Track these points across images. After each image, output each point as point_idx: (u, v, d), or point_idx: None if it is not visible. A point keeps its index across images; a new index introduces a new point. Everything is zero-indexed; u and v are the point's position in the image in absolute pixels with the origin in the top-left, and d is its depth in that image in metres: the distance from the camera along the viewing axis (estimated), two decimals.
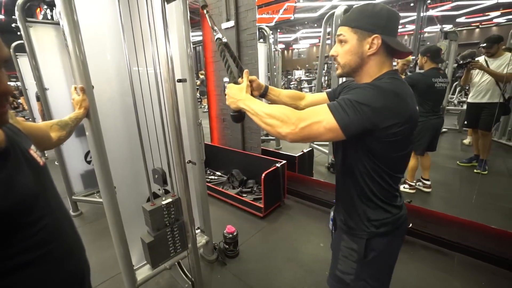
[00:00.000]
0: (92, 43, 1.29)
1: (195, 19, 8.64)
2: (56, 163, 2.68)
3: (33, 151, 0.62)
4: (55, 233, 0.61)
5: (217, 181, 3.23)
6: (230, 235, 2.03)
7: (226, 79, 2.97)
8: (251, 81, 1.05)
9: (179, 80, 1.59)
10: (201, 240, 1.97)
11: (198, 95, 10.60)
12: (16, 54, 4.34)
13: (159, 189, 1.52)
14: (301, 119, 0.76)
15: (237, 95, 0.91)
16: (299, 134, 0.76)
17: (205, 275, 1.89)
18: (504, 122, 3.94)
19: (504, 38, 4.01)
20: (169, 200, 1.45)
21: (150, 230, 1.43)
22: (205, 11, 1.07)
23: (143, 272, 1.63)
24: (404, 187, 2.77)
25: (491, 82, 2.90)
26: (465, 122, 3.32)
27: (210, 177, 3.33)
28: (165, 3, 1.12)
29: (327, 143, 3.52)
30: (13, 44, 4.13)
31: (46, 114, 2.56)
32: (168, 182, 1.52)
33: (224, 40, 1.05)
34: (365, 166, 0.85)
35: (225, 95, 0.97)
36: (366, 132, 0.75)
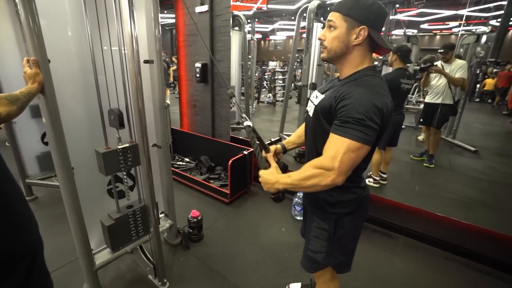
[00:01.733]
0: (49, 15, 1.21)
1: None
2: (7, 144, 2.48)
3: None
4: (1, 206, 0.61)
5: (185, 167, 3.21)
6: (195, 219, 2.06)
7: (198, 64, 2.92)
8: (278, 152, 1.19)
9: (146, 61, 1.55)
10: (165, 224, 1.97)
11: (172, 79, 10.22)
12: None
13: (118, 137, 1.41)
14: (330, 161, 0.81)
15: (271, 180, 0.93)
16: (340, 172, 0.80)
17: (168, 258, 1.91)
18: (450, 122, 4.38)
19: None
20: (126, 145, 1.40)
21: (103, 171, 1.35)
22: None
23: (102, 256, 1.60)
24: (369, 181, 2.96)
25: (446, 85, 3.20)
26: (421, 120, 3.63)
27: (178, 163, 3.30)
28: None
29: None
30: None
31: None
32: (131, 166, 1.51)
33: (250, 124, 1.12)
34: None
35: (198, 77, 1.00)
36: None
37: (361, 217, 1.09)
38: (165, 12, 11.81)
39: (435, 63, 3.21)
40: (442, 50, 3.21)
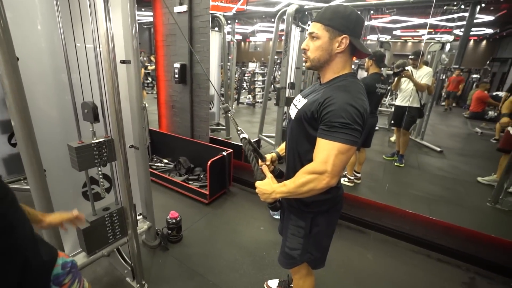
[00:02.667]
0: (17, 9, 1.17)
1: None
2: None
3: None
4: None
5: (163, 168, 3.16)
6: (173, 221, 2.05)
7: (176, 65, 2.90)
8: (274, 160, 1.20)
9: (123, 61, 1.54)
10: (143, 226, 1.94)
11: (150, 79, 9.96)
12: None
13: (93, 131, 1.38)
14: (322, 165, 0.86)
15: (268, 190, 0.96)
16: (333, 175, 0.86)
17: (146, 260, 1.89)
18: (419, 124, 4.67)
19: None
20: (101, 139, 1.36)
21: (76, 166, 1.31)
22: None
23: (77, 260, 1.55)
24: (343, 180, 3.08)
25: (414, 89, 3.42)
26: (392, 122, 3.84)
27: (156, 164, 3.25)
28: None
29: (274, 135, 3.71)
30: None
31: None
32: (108, 166, 1.48)
33: (246, 136, 1.12)
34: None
35: (177, 78, 1.02)
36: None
37: (335, 215, 1.15)
38: (143, 10, 11.49)
39: (406, 68, 3.41)
40: (412, 56, 3.44)
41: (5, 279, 0.68)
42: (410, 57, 3.52)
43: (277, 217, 2.45)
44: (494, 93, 7.26)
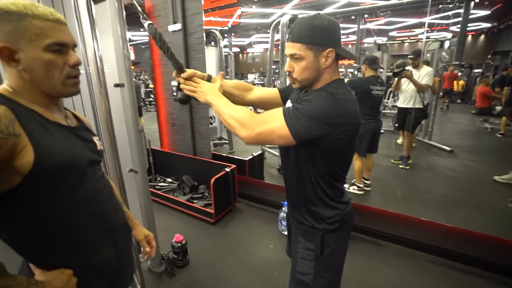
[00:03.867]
0: None
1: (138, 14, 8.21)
2: None
3: (96, 139, 0.82)
4: (96, 195, 0.73)
5: (167, 188, 3.09)
6: (178, 244, 1.96)
7: (174, 83, 2.88)
8: (192, 76, 1.00)
9: (117, 85, 1.50)
10: None
11: (152, 97, 10.06)
12: None
13: None
14: (257, 123, 0.82)
15: (209, 90, 0.93)
16: (254, 138, 0.83)
17: None
18: (426, 124, 4.56)
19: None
20: None
21: None
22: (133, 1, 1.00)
23: None
24: (353, 189, 2.97)
25: (415, 90, 3.34)
26: (396, 125, 3.75)
27: (160, 184, 3.18)
28: (92, 3, 1.04)
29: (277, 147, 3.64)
30: None
31: None
32: None
33: (151, 22, 0.95)
34: (317, 168, 0.92)
35: (175, 95, 0.99)
36: (317, 139, 0.83)
37: (346, 234, 1.07)
38: (141, 30, 11.75)
39: (406, 68, 3.34)
40: (411, 56, 3.37)
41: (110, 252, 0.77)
42: (409, 57, 3.45)
43: (286, 233, 2.34)
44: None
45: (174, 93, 2.86)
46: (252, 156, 3.03)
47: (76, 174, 0.67)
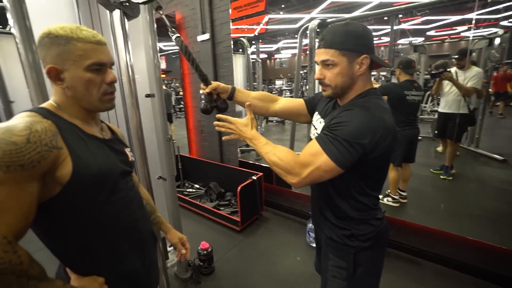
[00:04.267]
0: None
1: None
2: None
3: (128, 150, 0.85)
4: (127, 204, 0.76)
5: (195, 194, 3.15)
6: (204, 252, 1.96)
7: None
8: (215, 88, 1.07)
9: (147, 95, 1.55)
10: (174, 258, 1.88)
11: (182, 104, 10.46)
12: None
13: None
14: (302, 167, 0.80)
15: (245, 132, 0.93)
16: (305, 182, 0.81)
17: None
18: (471, 130, 4.13)
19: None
20: None
21: None
22: (160, 12, 1.05)
23: None
24: (387, 200, 2.78)
25: (458, 93, 3.04)
26: (436, 132, 3.45)
27: (188, 190, 3.25)
28: (125, 19, 1.09)
29: None
30: None
31: None
32: None
33: (178, 35, 1.00)
34: (350, 183, 0.87)
35: (203, 107, 1.06)
36: (361, 161, 0.79)
37: (381, 252, 0.99)
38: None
39: (449, 69, 3.06)
40: (457, 56, 3.07)
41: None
42: (454, 57, 3.14)
43: (314, 245, 2.25)
44: None
45: (202, 102, 2.92)
46: None
47: (109, 185, 0.70)
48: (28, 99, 2.65)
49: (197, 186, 3.31)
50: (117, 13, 1.09)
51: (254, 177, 2.53)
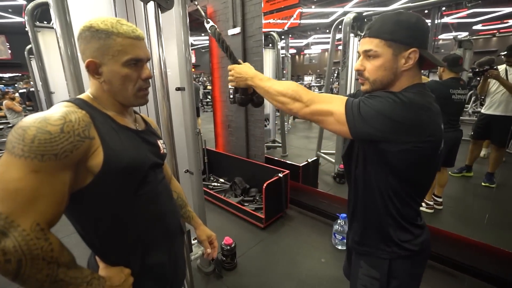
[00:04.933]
0: None
1: (200, 20, 8.73)
2: None
3: (160, 142, 0.84)
4: (156, 197, 0.76)
5: (219, 188, 3.18)
6: (228, 247, 1.97)
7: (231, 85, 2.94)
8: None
9: (178, 89, 1.56)
10: (198, 251, 1.91)
11: (210, 98, 10.66)
12: (30, 56, 4.44)
13: None
14: (313, 100, 0.76)
15: (247, 72, 0.90)
16: (308, 113, 0.77)
17: (200, 287, 1.83)
18: None
19: None
20: None
21: None
22: (195, 3, 1.04)
23: None
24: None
25: (506, 93, 2.74)
26: (472, 133, 3.17)
27: (213, 183, 3.29)
28: (159, 12, 1.09)
29: (334, 151, 3.43)
30: (28, 47, 4.22)
31: None
32: None
33: (213, 24, 1.04)
34: (390, 184, 0.80)
35: (232, 98, 1.02)
36: (375, 142, 0.73)
37: (421, 266, 0.90)
38: (202, 35, 12.54)
39: (496, 67, 2.76)
40: (505, 52, 2.76)
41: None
42: (503, 53, 2.83)
43: (340, 247, 2.16)
44: None
45: (231, 96, 2.92)
46: (306, 162, 2.90)
47: (139, 176, 0.70)
48: (66, 90, 2.82)
49: (222, 180, 3.34)
50: (151, 5, 1.10)
51: (280, 174, 2.49)
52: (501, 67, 2.79)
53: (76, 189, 0.61)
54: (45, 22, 2.58)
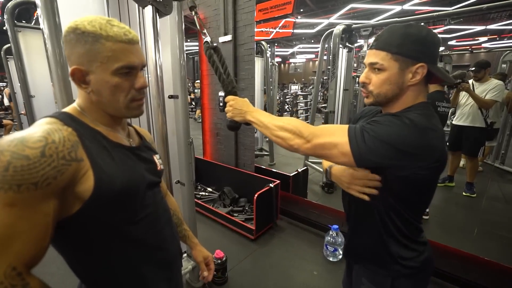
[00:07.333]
0: None
1: (193, 29, 8.68)
2: None
3: (156, 157, 0.77)
4: (155, 222, 0.68)
5: (208, 198, 3.08)
6: (219, 261, 1.89)
7: (221, 93, 2.89)
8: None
9: (171, 96, 1.50)
10: (187, 265, 1.82)
11: (193, 104, 10.51)
12: (7, 57, 4.15)
13: None
14: (315, 135, 0.73)
15: (244, 107, 0.87)
16: (311, 149, 0.73)
17: None
18: (497, 145, 3.93)
19: (494, 63, 4.07)
20: None
21: None
22: (193, 12, 0.99)
23: None
24: None
25: (474, 106, 2.89)
26: (447, 143, 3.31)
27: (201, 193, 3.19)
28: (157, 16, 1.03)
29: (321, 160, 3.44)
30: (5, 47, 3.96)
31: (30, 123, 2.42)
32: None
33: (214, 44, 0.98)
34: (390, 205, 0.78)
35: (221, 106, 0.96)
36: (382, 169, 0.71)
37: (424, 285, 0.87)
38: (188, 40, 12.46)
39: (467, 81, 2.92)
40: (473, 68, 2.92)
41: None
42: (470, 68, 2.99)
43: (332, 259, 2.14)
44: None
45: (221, 104, 2.86)
46: (296, 172, 2.88)
47: (135, 200, 0.63)
48: (48, 94, 2.65)
49: (210, 189, 3.25)
50: (149, 9, 1.04)
51: (271, 185, 2.45)
52: (469, 82, 2.95)
53: (63, 217, 0.52)
54: (23, 21, 2.43)
